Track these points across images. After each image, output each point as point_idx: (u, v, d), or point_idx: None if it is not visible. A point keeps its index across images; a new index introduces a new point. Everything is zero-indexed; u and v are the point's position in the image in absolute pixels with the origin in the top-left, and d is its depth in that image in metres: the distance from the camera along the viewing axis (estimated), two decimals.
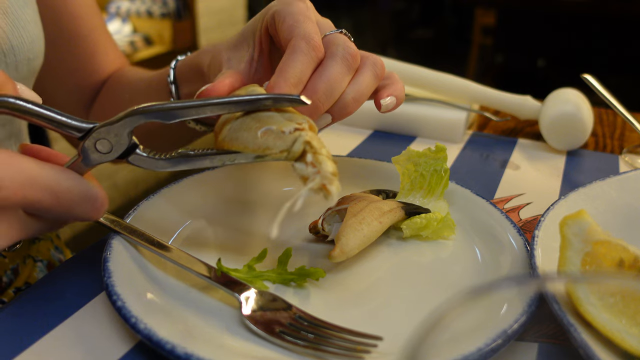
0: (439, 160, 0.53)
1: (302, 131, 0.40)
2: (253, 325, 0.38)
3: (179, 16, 3.23)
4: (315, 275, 0.44)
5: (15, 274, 0.63)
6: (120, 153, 0.40)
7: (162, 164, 0.42)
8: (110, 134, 0.40)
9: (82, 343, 0.38)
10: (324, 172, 0.38)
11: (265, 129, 0.40)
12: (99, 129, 0.40)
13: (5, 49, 0.54)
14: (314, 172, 0.38)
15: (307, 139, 0.39)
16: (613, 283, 0.34)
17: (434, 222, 0.50)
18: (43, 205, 0.36)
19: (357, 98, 0.46)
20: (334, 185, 0.38)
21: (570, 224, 0.39)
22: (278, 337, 0.37)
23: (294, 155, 0.39)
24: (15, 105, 0.38)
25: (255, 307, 0.40)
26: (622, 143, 0.81)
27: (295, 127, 0.40)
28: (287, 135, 0.39)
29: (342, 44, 0.46)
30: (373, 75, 0.47)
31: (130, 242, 0.45)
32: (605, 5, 2.73)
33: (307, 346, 0.37)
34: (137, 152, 0.41)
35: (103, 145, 0.40)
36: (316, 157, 0.39)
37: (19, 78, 0.57)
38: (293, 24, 0.46)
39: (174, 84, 0.61)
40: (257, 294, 0.41)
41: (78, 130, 0.39)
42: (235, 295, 0.40)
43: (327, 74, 0.44)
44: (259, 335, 0.38)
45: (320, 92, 0.44)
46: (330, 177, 0.38)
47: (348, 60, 0.45)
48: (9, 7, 0.55)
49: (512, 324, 0.35)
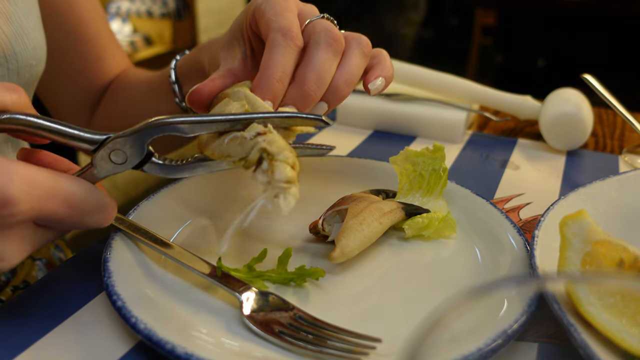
0: (437, 160, 0.53)
1: (263, 135, 0.37)
2: (253, 325, 0.38)
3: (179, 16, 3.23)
4: (315, 275, 0.44)
5: (13, 272, 0.63)
6: (135, 164, 0.40)
7: (178, 170, 0.41)
8: (126, 145, 0.39)
9: (82, 343, 0.38)
10: (274, 182, 0.36)
11: (232, 136, 0.39)
12: (114, 140, 0.39)
13: (7, 55, 0.54)
14: (267, 180, 0.36)
15: (263, 145, 0.37)
16: (613, 283, 0.34)
17: (435, 221, 0.50)
18: (57, 217, 0.36)
19: (349, 81, 0.46)
20: (289, 195, 0.36)
21: (570, 224, 0.39)
22: (277, 337, 0.37)
23: (250, 163, 0.37)
24: (26, 122, 0.38)
25: (255, 307, 0.40)
26: (622, 143, 0.81)
27: (256, 131, 0.38)
28: (248, 141, 0.38)
29: (324, 29, 0.45)
30: (360, 55, 0.47)
31: (131, 239, 0.45)
32: (605, 5, 2.73)
33: (306, 347, 0.37)
34: (152, 160, 0.41)
35: (118, 156, 0.40)
36: (271, 164, 0.36)
37: (21, 84, 0.58)
38: (270, 18, 0.45)
39: (177, 83, 0.61)
40: (257, 293, 0.41)
41: (91, 143, 0.39)
42: (235, 295, 0.40)
43: (314, 62, 0.44)
44: (259, 335, 0.38)
45: (311, 81, 0.44)
46: (281, 187, 0.36)
47: (332, 45, 0.45)
48: (14, 14, 0.55)
49: (512, 324, 0.35)
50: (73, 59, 0.71)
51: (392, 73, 0.50)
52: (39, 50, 0.59)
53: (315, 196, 0.56)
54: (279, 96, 0.44)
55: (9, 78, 0.55)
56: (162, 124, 0.39)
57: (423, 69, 0.82)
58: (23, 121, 0.38)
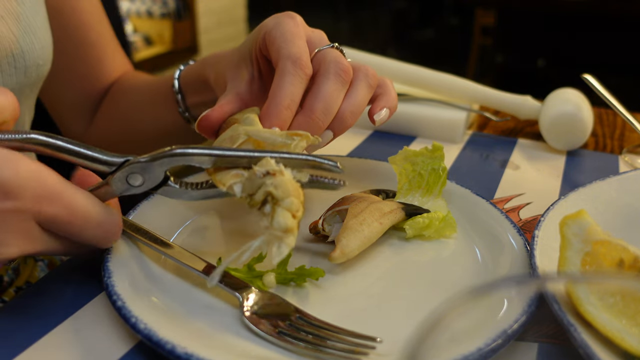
0: (436, 159, 0.53)
1: (273, 176, 0.37)
2: (253, 325, 0.38)
3: (179, 16, 3.23)
4: (315, 275, 0.44)
5: (17, 273, 0.63)
6: (151, 187, 0.41)
7: (192, 195, 0.42)
8: (144, 170, 0.40)
9: (82, 343, 0.38)
10: (272, 231, 0.36)
11: (238, 172, 0.39)
12: (133, 164, 0.40)
13: (15, 54, 0.54)
14: (266, 226, 0.37)
15: (269, 189, 0.37)
16: (613, 283, 0.34)
17: (436, 221, 0.50)
18: (58, 221, 0.37)
19: (354, 111, 0.47)
20: (284, 244, 0.36)
21: (570, 224, 0.39)
22: (277, 337, 0.37)
23: (255, 203, 0.38)
24: (45, 142, 0.38)
25: (255, 307, 0.40)
26: (622, 143, 0.81)
27: (267, 170, 0.38)
28: (256, 179, 0.38)
29: (333, 60, 0.47)
30: (367, 87, 0.48)
31: (131, 239, 0.45)
32: (605, 5, 2.73)
33: (306, 347, 0.37)
34: (169, 184, 0.41)
35: (135, 179, 0.40)
36: (273, 209, 0.36)
37: (28, 83, 0.58)
38: (281, 45, 0.46)
39: (180, 93, 0.62)
40: (257, 293, 0.41)
41: (109, 165, 0.40)
42: (235, 295, 0.40)
43: (323, 92, 0.46)
44: (259, 336, 0.38)
45: (319, 110, 0.45)
46: (278, 235, 0.36)
47: (341, 76, 0.46)
48: (22, 13, 0.55)
49: (512, 324, 0.35)
50: (74, 61, 0.71)
51: (396, 103, 0.52)
52: (46, 50, 0.59)
53: (315, 196, 0.56)
54: (287, 123, 0.45)
55: (17, 77, 0.55)
56: (183, 154, 0.39)
57: (423, 69, 0.82)
58: (42, 142, 0.38)
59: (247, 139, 0.43)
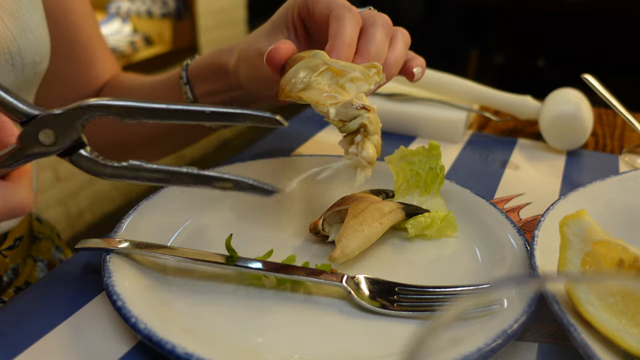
0: (433, 158, 0.53)
1: (367, 112, 0.42)
2: (374, 307, 0.41)
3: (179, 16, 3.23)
4: None
5: (16, 273, 0.63)
6: (64, 148, 0.37)
7: (107, 171, 0.37)
8: (58, 124, 0.36)
9: (82, 343, 0.38)
10: (360, 158, 0.41)
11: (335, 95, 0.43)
12: (45, 116, 0.36)
13: (12, 51, 0.54)
14: (354, 152, 0.41)
15: (365, 122, 0.41)
16: (613, 283, 0.34)
17: (438, 220, 0.50)
18: None
19: (398, 62, 0.51)
20: (365, 172, 0.41)
21: (570, 224, 0.39)
22: (398, 309, 0.40)
23: (347, 130, 0.42)
24: None
25: (368, 290, 0.42)
26: (622, 143, 0.81)
27: (362, 104, 0.42)
28: (352, 109, 0.42)
29: (378, 14, 0.51)
30: (404, 44, 0.52)
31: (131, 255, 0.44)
32: (605, 5, 2.73)
33: (424, 309, 0.40)
34: (80, 152, 0.37)
35: (47, 135, 0.36)
36: (363, 141, 0.41)
37: (25, 81, 0.58)
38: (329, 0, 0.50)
39: (188, 84, 0.63)
40: (358, 280, 0.43)
41: (24, 115, 0.36)
42: (342, 286, 0.42)
43: (375, 39, 0.49)
44: (382, 314, 0.40)
45: (373, 53, 0.48)
46: (364, 164, 0.41)
47: (386, 28, 0.50)
48: (18, 10, 0.55)
49: (512, 324, 0.35)
50: (65, 61, 0.71)
51: (425, 67, 0.55)
52: (42, 47, 0.59)
53: (315, 196, 0.56)
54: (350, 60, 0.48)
55: (14, 75, 0.55)
56: (98, 105, 0.36)
57: None
58: None
59: (327, 68, 0.45)
